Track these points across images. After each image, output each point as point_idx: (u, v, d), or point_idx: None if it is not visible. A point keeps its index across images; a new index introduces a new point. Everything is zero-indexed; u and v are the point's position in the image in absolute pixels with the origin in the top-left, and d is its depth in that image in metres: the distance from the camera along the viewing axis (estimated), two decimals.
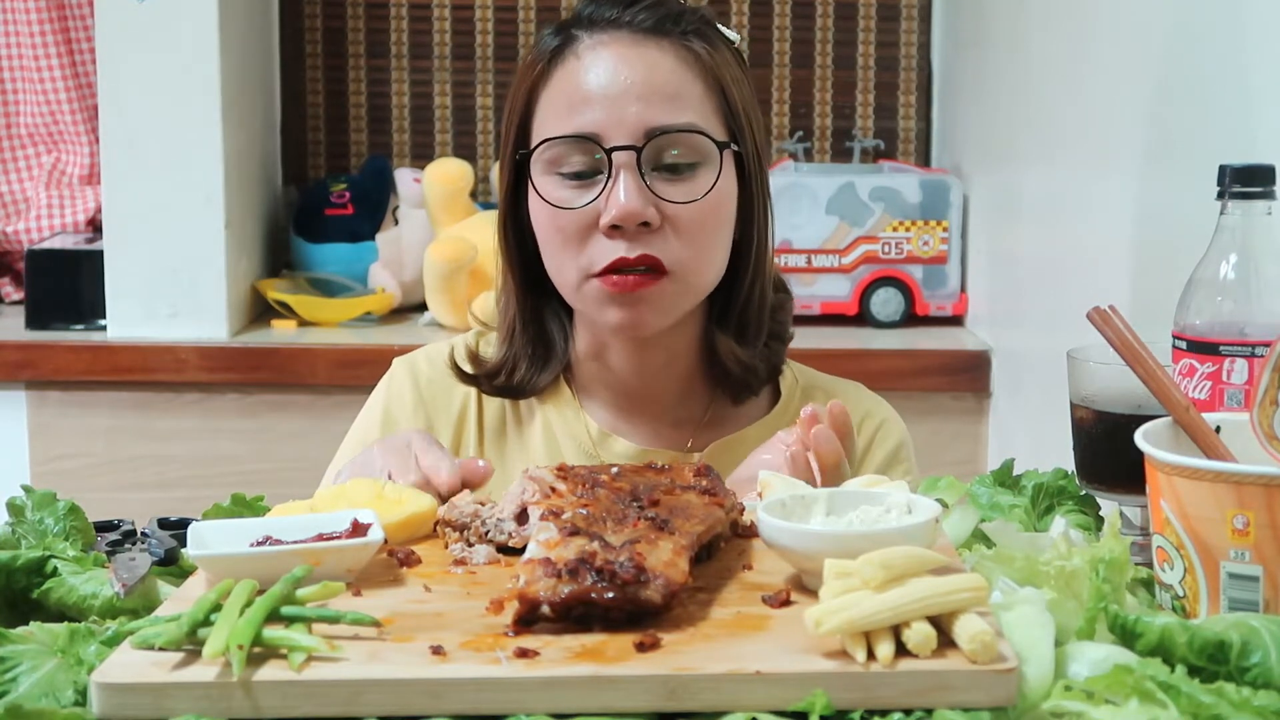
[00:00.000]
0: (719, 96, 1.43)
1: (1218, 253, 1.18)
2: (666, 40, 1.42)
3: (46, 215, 2.94)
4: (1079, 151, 2.10)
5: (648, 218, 1.38)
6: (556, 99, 1.42)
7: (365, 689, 0.86)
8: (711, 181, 1.40)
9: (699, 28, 1.44)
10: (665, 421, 1.52)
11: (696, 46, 1.42)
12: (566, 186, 1.40)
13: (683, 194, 1.39)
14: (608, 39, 1.41)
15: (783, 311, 1.54)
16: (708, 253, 1.42)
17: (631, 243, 1.38)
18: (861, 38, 3.06)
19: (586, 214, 1.39)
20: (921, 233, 2.75)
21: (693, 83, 1.41)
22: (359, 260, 2.87)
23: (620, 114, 1.38)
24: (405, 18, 3.04)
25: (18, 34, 2.96)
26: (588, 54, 1.41)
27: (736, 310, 1.48)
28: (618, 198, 1.37)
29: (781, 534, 1.00)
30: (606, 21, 1.42)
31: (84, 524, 1.18)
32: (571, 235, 1.40)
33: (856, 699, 0.85)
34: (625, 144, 1.38)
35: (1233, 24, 1.58)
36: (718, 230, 1.43)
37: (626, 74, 1.39)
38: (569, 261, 1.41)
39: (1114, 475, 1.20)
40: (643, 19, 1.42)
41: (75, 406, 2.59)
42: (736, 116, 1.44)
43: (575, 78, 1.41)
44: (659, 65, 1.40)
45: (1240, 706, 0.81)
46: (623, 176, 1.38)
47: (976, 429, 2.61)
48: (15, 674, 0.90)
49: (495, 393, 1.51)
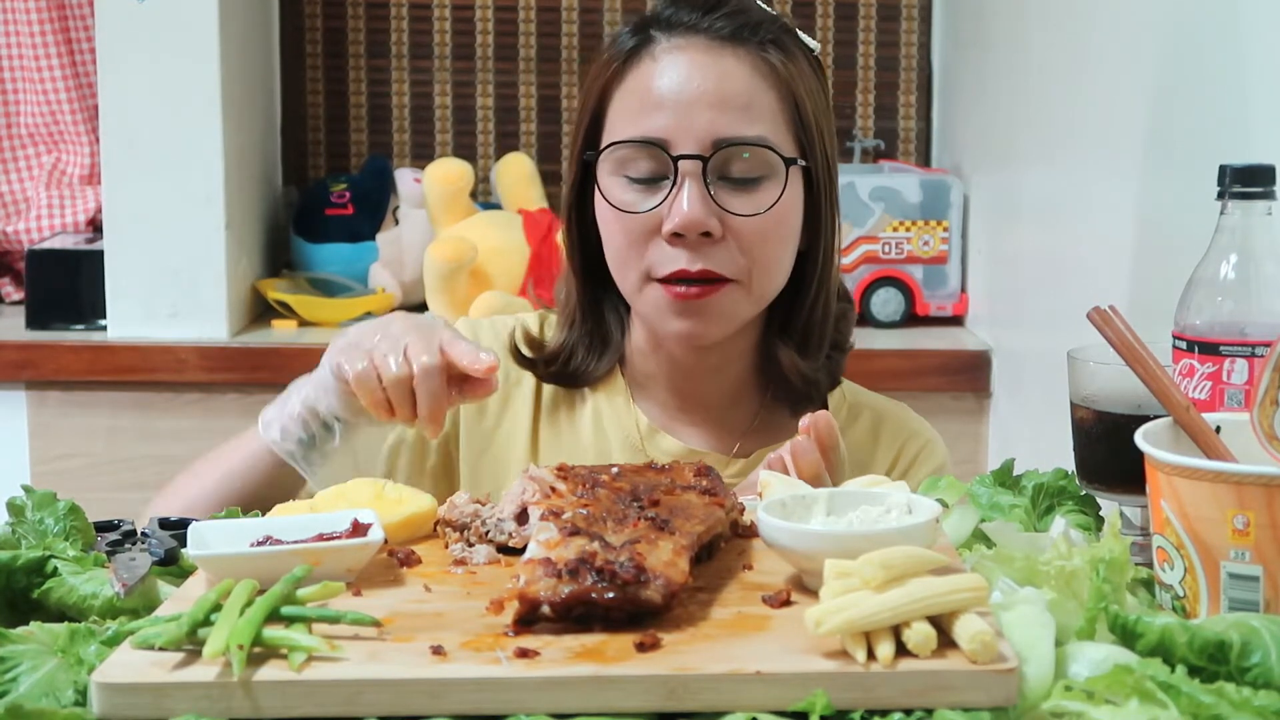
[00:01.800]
0: (791, 109, 1.42)
1: (1218, 253, 1.18)
2: (743, 49, 1.40)
3: (46, 215, 2.94)
4: (1079, 151, 2.10)
5: (710, 228, 1.37)
6: (628, 100, 1.41)
7: (365, 689, 0.86)
8: (776, 195, 1.39)
9: (777, 37, 1.42)
10: (713, 424, 1.52)
11: (773, 57, 1.41)
12: (632, 189, 1.40)
13: (747, 206, 1.39)
14: (684, 43, 1.40)
15: (845, 321, 1.54)
16: (769, 265, 1.42)
17: (693, 253, 1.38)
18: (861, 38, 3.06)
19: (650, 219, 1.39)
20: (921, 233, 2.75)
21: (765, 93, 1.40)
22: (359, 260, 2.87)
23: (690, 122, 1.38)
24: (405, 18, 3.04)
25: (18, 34, 2.96)
26: (663, 57, 1.40)
27: (800, 322, 1.48)
28: (681, 206, 1.37)
29: (781, 534, 1.00)
30: (685, 26, 1.41)
31: (84, 524, 1.18)
32: (635, 238, 1.40)
33: (856, 699, 0.85)
34: (692, 153, 1.37)
35: (1232, 24, 1.58)
36: (781, 243, 1.42)
37: (699, 81, 1.38)
38: (631, 264, 1.41)
39: (1114, 475, 1.20)
40: (720, 26, 1.41)
41: (75, 406, 2.59)
42: (808, 129, 1.42)
43: (648, 80, 1.40)
44: (732, 74, 1.39)
45: (1240, 706, 0.81)
46: (688, 185, 1.37)
47: (976, 429, 2.61)
48: (15, 674, 0.90)
49: (551, 379, 1.51)
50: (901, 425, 1.57)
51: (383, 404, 1.25)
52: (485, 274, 2.67)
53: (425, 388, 1.23)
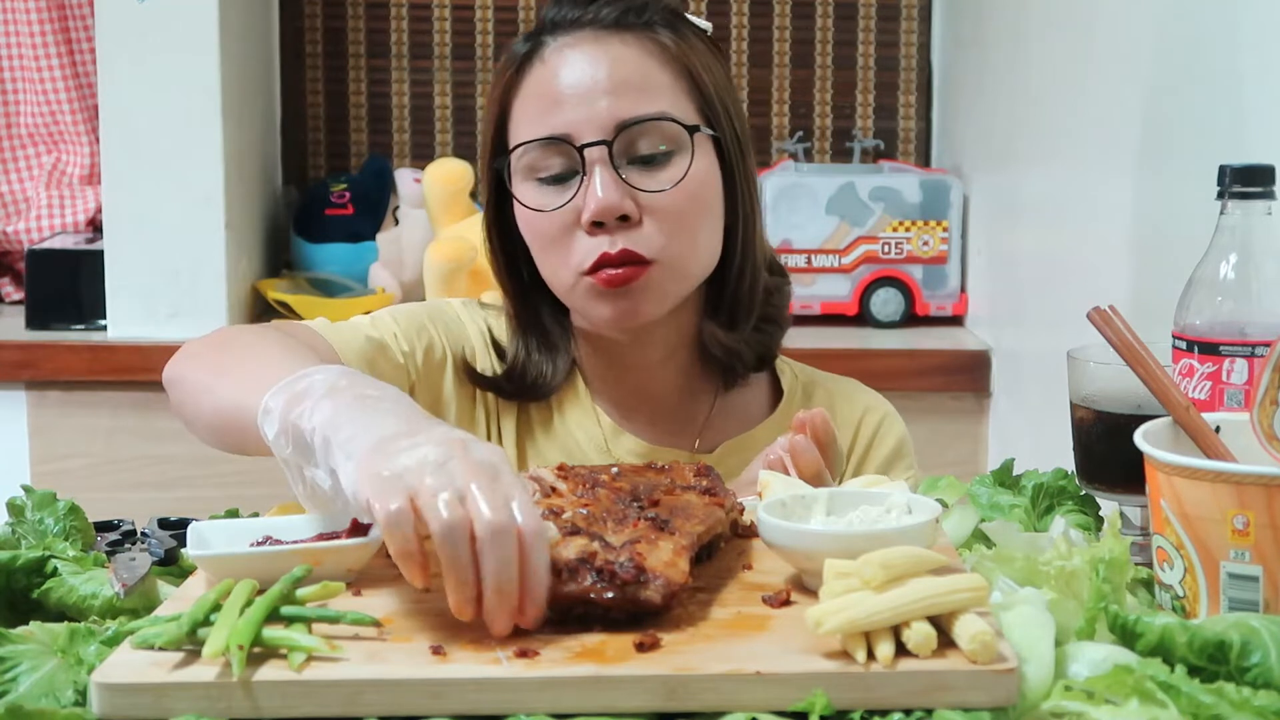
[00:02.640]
0: (689, 83, 1.43)
1: (1218, 253, 1.18)
2: (630, 34, 1.42)
3: (46, 215, 2.94)
4: (1079, 151, 2.10)
5: (625, 210, 1.38)
6: (528, 104, 1.42)
7: (365, 689, 0.86)
8: (685, 168, 1.40)
9: (664, 18, 1.44)
10: (671, 419, 1.52)
11: (662, 36, 1.43)
12: (546, 190, 1.41)
13: (658, 183, 1.39)
14: (572, 40, 1.42)
15: (779, 295, 1.54)
16: (691, 239, 1.42)
17: (613, 237, 1.38)
18: (861, 38, 3.06)
19: (566, 214, 1.39)
20: (921, 233, 2.75)
21: (660, 72, 1.41)
22: (359, 260, 2.87)
23: (590, 111, 1.39)
24: (405, 18, 3.04)
25: (18, 34, 2.96)
26: (554, 56, 1.42)
27: (727, 295, 1.48)
28: (595, 193, 1.37)
29: (781, 534, 1.01)
30: (570, 22, 1.43)
31: (84, 524, 1.18)
32: (556, 237, 1.40)
33: (856, 699, 0.85)
34: (596, 139, 1.38)
35: (1232, 24, 1.58)
36: (700, 216, 1.42)
37: (592, 71, 1.40)
38: (558, 264, 1.42)
39: (1114, 475, 1.20)
40: (605, 14, 1.43)
41: (75, 406, 2.59)
42: (710, 102, 1.44)
43: (543, 82, 1.41)
44: (624, 58, 1.41)
45: (1240, 706, 0.81)
46: (597, 172, 1.38)
47: (976, 429, 2.61)
48: (15, 674, 0.90)
49: (514, 397, 1.51)
50: (856, 401, 1.57)
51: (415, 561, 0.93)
52: (485, 274, 2.66)
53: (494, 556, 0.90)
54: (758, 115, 3.07)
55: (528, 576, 0.91)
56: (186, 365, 1.34)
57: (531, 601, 0.91)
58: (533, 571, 0.91)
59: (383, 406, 1.03)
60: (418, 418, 1.02)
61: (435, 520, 0.91)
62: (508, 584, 0.90)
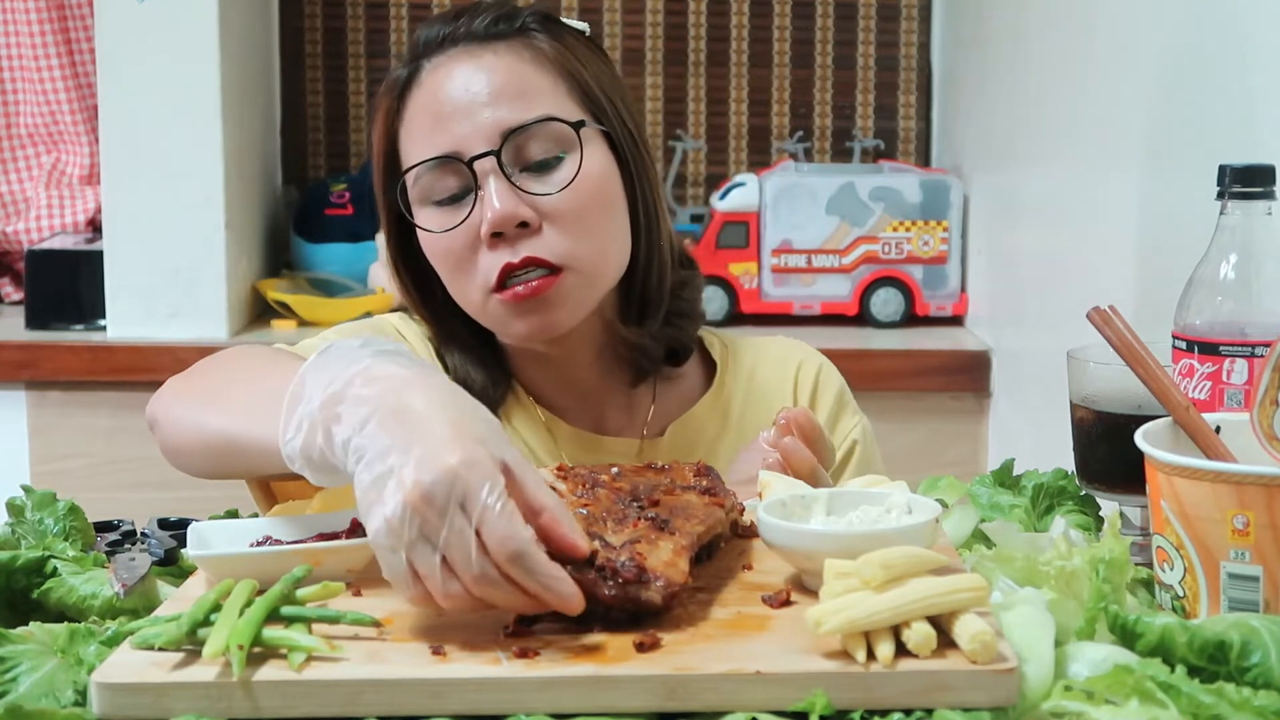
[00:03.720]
0: (571, 82, 1.42)
1: (1218, 253, 1.18)
2: (503, 43, 1.41)
3: (46, 215, 2.94)
4: (1079, 151, 2.10)
5: (523, 217, 1.37)
6: (413, 128, 1.41)
7: (365, 689, 0.86)
8: (577, 167, 1.39)
9: (537, 23, 1.44)
10: (615, 411, 1.51)
11: (538, 41, 1.42)
12: (443, 212, 1.40)
13: (553, 186, 1.38)
14: (446, 58, 1.41)
15: (689, 289, 1.53)
16: (596, 239, 1.40)
17: (514, 247, 1.37)
18: (861, 38, 3.06)
19: (467, 231, 1.38)
20: (921, 233, 2.75)
21: (539, 76, 1.41)
22: (359, 260, 2.87)
23: (472, 125, 1.38)
24: (405, 18, 3.04)
25: (18, 34, 2.96)
26: (430, 77, 1.41)
27: (635, 292, 1.47)
28: (490, 204, 1.36)
29: (781, 534, 1.01)
30: (443, 39, 1.42)
31: (84, 524, 1.18)
32: (460, 257, 1.39)
33: (856, 699, 0.85)
34: (483, 150, 1.37)
35: (1233, 24, 1.58)
36: (601, 213, 1.41)
37: (469, 85, 1.39)
38: (466, 284, 1.40)
39: (1114, 475, 1.20)
40: (477, 25, 1.42)
41: (75, 406, 2.59)
42: (595, 99, 1.43)
43: (426, 103, 1.40)
44: (499, 68, 1.40)
45: (1240, 706, 0.81)
46: (490, 183, 1.37)
47: (976, 429, 2.61)
48: (15, 674, 0.90)
49: None
50: (788, 356, 1.57)
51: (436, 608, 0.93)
52: None
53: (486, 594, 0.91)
54: (758, 115, 3.08)
55: (523, 585, 0.90)
56: (171, 404, 1.31)
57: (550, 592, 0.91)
58: (525, 581, 0.90)
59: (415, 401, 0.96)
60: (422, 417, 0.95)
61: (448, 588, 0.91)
62: (504, 602, 0.91)
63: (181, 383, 1.33)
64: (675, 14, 3.05)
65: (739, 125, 3.09)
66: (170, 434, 1.29)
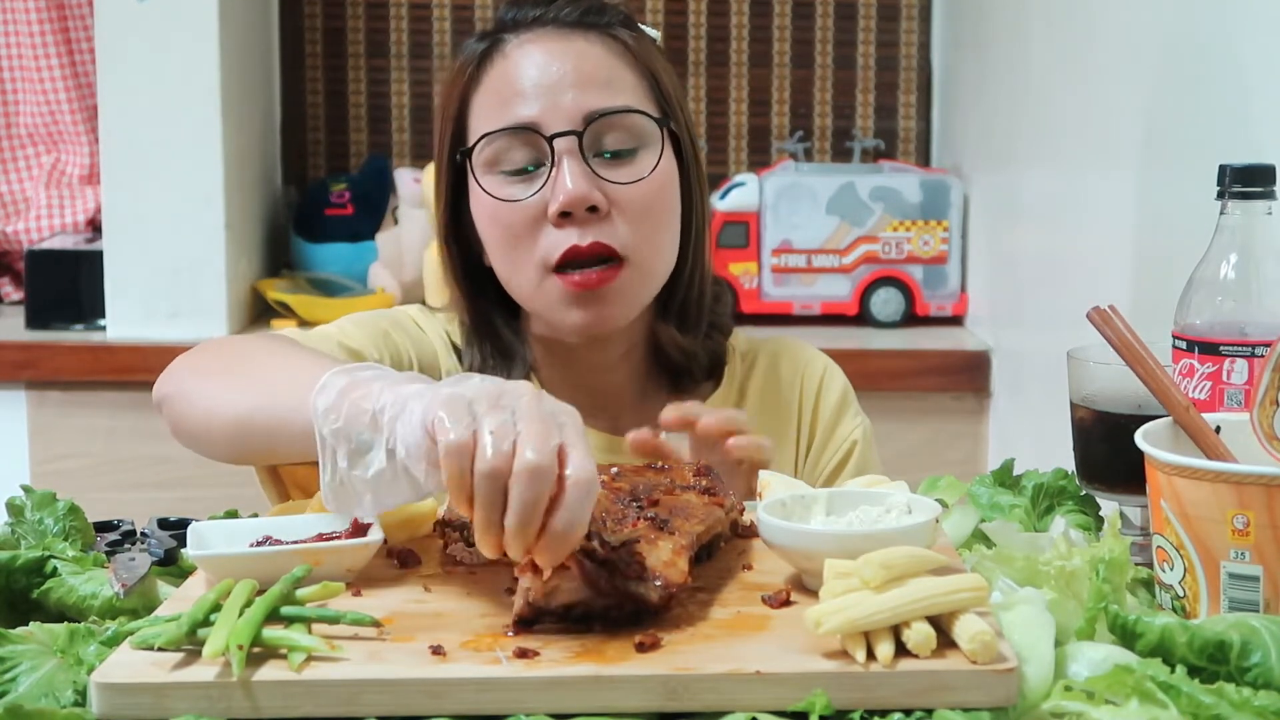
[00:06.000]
0: (650, 82, 1.44)
1: (1218, 253, 1.18)
2: (593, 32, 1.43)
3: (46, 215, 2.94)
4: (1079, 151, 2.10)
5: (595, 201, 1.37)
6: (489, 99, 1.41)
7: (365, 689, 0.86)
8: (654, 162, 1.40)
9: (623, 19, 1.46)
10: (631, 413, 1.51)
11: (623, 35, 1.44)
12: (510, 183, 1.40)
13: (627, 176, 1.39)
14: (534, 36, 1.42)
15: (720, 304, 1.55)
16: (658, 236, 1.42)
17: (582, 230, 1.37)
18: (861, 38, 3.06)
19: (533, 206, 1.38)
20: (921, 233, 2.75)
21: (623, 70, 1.42)
22: (359, 260, 2.87)
23: (556, 102, 1.38)
24: (405, 18, 3.04)
25: (18, 34, 2.96)
26: (516, 52, 1.41)
27: (679, 298, 1.48)
28: (564, 183, 1.36)
29: (781, 534, 1.01)
30: (531, 21, 1.43)
31: (84, 524, 1.18)
32: (521, 231, 1.39)
33: (856, 699, 0.85)
34: (566, 129, 1.37)
35: (1232, 24, 1.58)
36: (665, 213, 1.43)
37: (558, 65, 1.40)
38: (523, 259, 1.40)
39: (1114, 475, 1.20)
40: (567, 13, 1.43)
41: (75, 406, 2.59)
42: (670, 102, 1.45)
43: (506, 76, 1.41)
44: (588, 54, 1.41)
45: (1240, 706, 0.81)
46: (566, 163, 1.37)
47: (976, 429, 2.61)
48: (15, 674, 0.90)
49: None
50: (795, 357, 1.58)
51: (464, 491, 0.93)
52: None
53: (521, 493, 0.91)
54: (758, 115, 3.08)
55: (556, 522, 0.90)
56: (186, 380, 1.29)
57: (549, 546, 0.91)
58: (562, 518, 0.90)
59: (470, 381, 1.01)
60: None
61: (481, 459, 0.92)
62: (528, 525, 0.90)
63: (194, 359, 1.32)
64: (675, 14, 3.05)
65: (739, 125, 3.09)
66: (184, 411, 1.28)
